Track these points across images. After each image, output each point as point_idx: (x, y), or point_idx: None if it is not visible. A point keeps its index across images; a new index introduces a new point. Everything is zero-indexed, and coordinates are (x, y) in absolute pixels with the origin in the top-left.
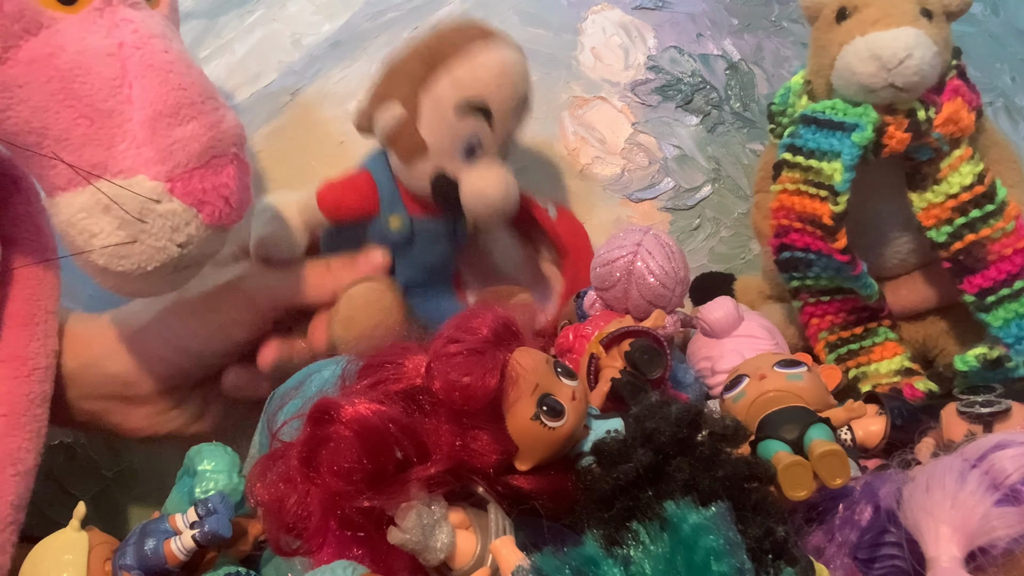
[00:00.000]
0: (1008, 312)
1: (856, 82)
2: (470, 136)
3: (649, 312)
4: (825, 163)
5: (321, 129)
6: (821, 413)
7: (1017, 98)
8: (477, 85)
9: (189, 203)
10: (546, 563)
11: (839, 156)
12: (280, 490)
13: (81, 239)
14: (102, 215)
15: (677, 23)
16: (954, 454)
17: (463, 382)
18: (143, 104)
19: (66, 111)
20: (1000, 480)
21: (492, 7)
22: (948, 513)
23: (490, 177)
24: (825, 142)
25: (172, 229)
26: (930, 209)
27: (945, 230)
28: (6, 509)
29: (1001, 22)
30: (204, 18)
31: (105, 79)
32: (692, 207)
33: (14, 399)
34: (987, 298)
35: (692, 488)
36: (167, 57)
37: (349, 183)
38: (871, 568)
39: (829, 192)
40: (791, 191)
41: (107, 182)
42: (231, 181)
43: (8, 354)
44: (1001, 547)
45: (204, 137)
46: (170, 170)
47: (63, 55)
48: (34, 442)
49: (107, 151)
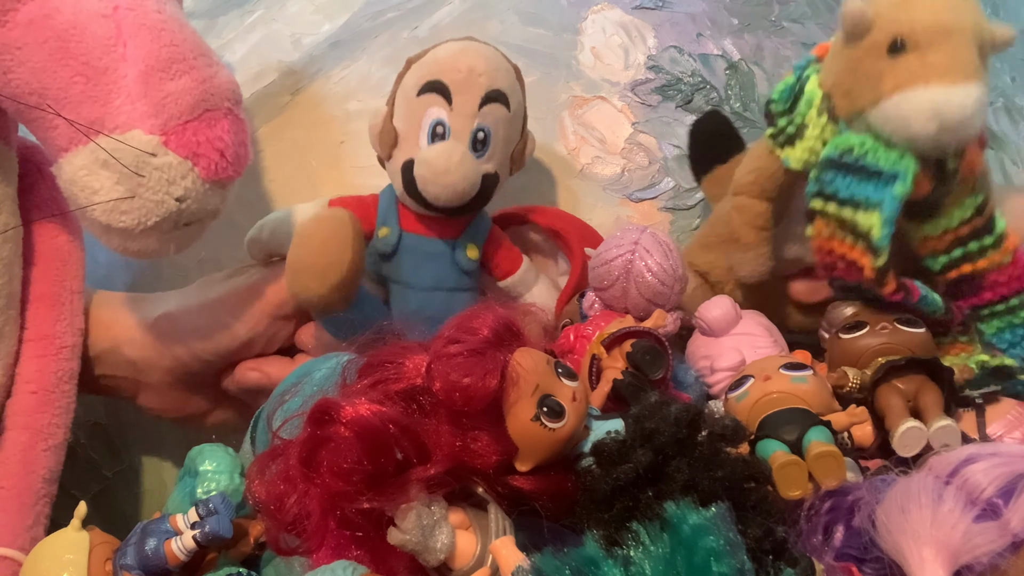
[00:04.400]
0: (1002, 323)
1: (908, 136)
2: (431, 117)
3: (648, 311)
4: (861, 214)
5: (321, 129)
6: (823, 416)
7: (1017, 98)
8: (434, 66)
9: (184, 155)
10: (546, 563)
11: (878, 207)
12: (279, 489)
13: (83, 196)
14: (101, 170)
15: (677, 23)
16: (924, 471)
17: (463, 383)
18: (136, 60)
19: (63, 70)
20: (976, 495)
21: (492, 7)
22: (929, 534)
23: (439, 148)
24: (860, 191)
25: (169, 182)
26: (927, 241)
27: (941, 260)
28: (38, 483)
29: (1001, 22)
30: (204, 18)
31: (100, 38)
32: (692, 207)
33: (44, 376)
34: (980, 311)
35: (692, 488)
36: (159, 16)
37: (356, 198)
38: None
39: (867, 245)
40: (826, 236)
41: (104, 137)
42: (225, 134)
43: (37, 333)
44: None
45: (196, 90)
46: (164, 123)
47: (59, 16)
48: (63, 418)
49: (103, 107)
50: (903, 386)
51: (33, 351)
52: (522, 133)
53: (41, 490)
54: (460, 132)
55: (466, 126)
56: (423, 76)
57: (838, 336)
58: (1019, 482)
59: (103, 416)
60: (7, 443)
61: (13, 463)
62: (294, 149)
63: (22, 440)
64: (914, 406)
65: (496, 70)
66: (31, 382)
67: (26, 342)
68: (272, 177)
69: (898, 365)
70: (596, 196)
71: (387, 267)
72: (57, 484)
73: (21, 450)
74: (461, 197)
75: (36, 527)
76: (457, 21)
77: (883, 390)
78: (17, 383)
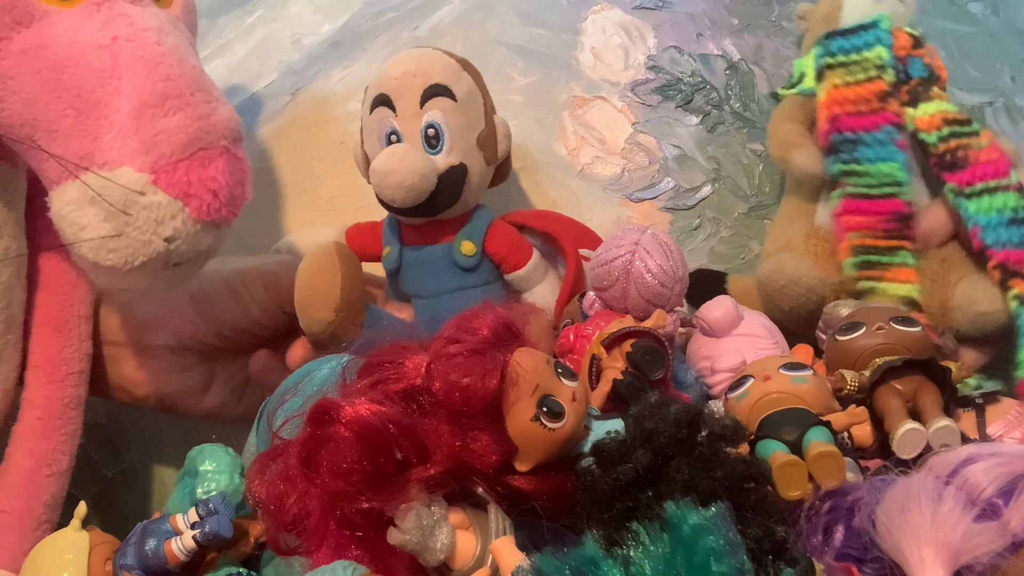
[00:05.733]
0: (982, 203)
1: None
2: (385, 128)
3: (648, 311)
4: (867, 51)
5: (321, 129)
6: (823, 416)
7: (1017, 98)
8: (377, 83)
9: (174, 195)
10: (546, 563)
11: (878, 42)
12: (279, 488)
13: (71, 232)
14: (89, 207)
15: (677, 23)
16: (924, 471)
17: (463, 383)
18: (130, 95)
19: (54, 102)
20: (976, 495)
21: (492, 7)
22: (929, 534)
23: (385, 153)
24: (859, 40)
25: (157, 222)
26: (924, 117)
27: (936, 134)
28: (40, 508)
29: (1001, 22)
30: (204, 18)
31: (94, 70)
32: (692, 207)
33: (49, 403)
34: (965, 188)
35: (692, 488)
36: (158, 49)
37: (368, 224)
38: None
39: (880, 71)
40: (840, 85)
41: (93, 174)
42: (219, 175)
43: (43, 359)
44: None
45: (190, 128)
46: (154, 161)
47: (53, 46)
48: (68, 444)
49: (93, 142)
50: (901, 387)
51: (40, 377)
52: (485, 120)
53: (43, 516)
54: (410, 133)
55: (414, 127)
56: (370, 95)
57: (835, 338)
58: (1019, 482)
59: (103, 416)
60: (11, 467)
61: (17, 488)
62: (294, 149)
63: (26, 465)
64: (913, 406)
65: (430, 66)
66: (37, 408)
67: (32, 368)
68: (272, 177)
69: (895, 366)
70: (596, 196)
71: (396, 283)
72: (59, 511)
73: (25, 475)
74: (417, 194)
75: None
76: (457, 21)
77: (881, 392)
78: (23, 408)
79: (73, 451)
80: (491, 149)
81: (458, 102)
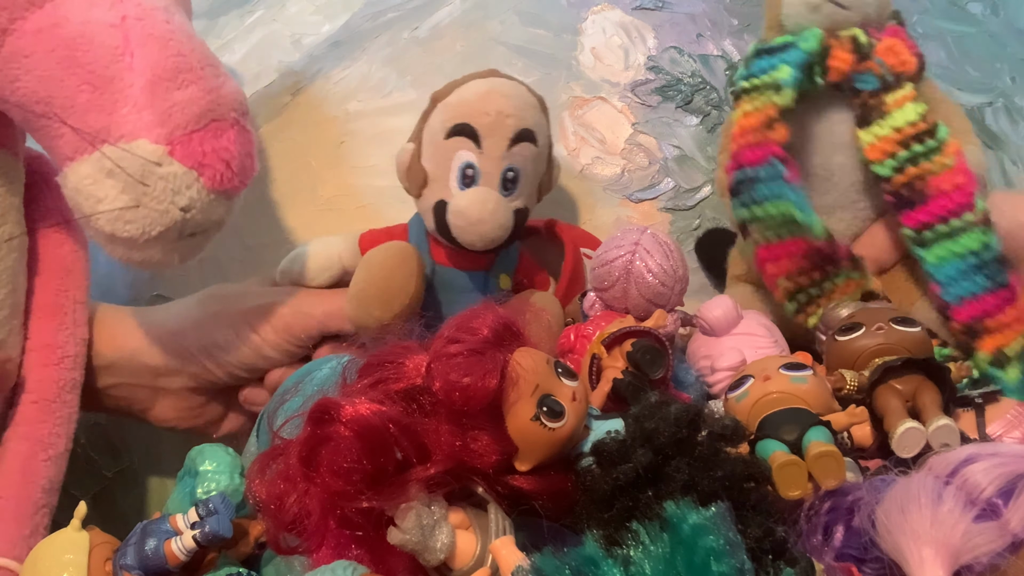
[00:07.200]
0: (943, 250)
1: (796, 23)
2: (461, 160)
3: (649, 311)
4: (774, 72)
5: (321, 129)
6: (823, 416)
7: (1017, 98)
8: (462, 107)
9: (190, 165)
10: (546, 563)
11: (787, 63)
12: (279, 488)
13: (88, 205)
14: (106, 179)
15: (677, 23)
16: (923, 471)
17: (463, 383)
18: (143, 70)
19: (70, 78)
20: (976, 495)
21: (492, 7)
22: (929, 534)
23: (472, 196)
24: (776, 60)
25: (174, 192)
26: (875, 143)
27: (889, 164)
28: (38, 493)
29: (1001, 22)
30: (204, 18)
31: (107, 48)
32: (692, 207)
33: (45, 386)
34: (924, 233)
35: (692, 488)
36: (168, 27)
37: (386, 230)
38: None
39: (775, 91)
40: (748, 113)
41: (110, 146)
42: (231, 145)
43: (38, 343)
44: (985, 563)
45: (203, 100)
46: (170, 132)
47: (67, 25)
48: (65, 427)
49: (109, 116)
50: (901, 387)
51: (35, 361)
52: (548, 162)
53: (40, 500)
54: (490, 175)
55: (496, 168)
56: (450, 119)
57: (834, 338)
58: (1019, 482)
59: (103, 416)
60: (7, 453)
61: (13, 473)
62: (294, 149)
63: (22, 450)
64: (913, 406)
65: (524, 109)
66: (32, 392)
67: (28, 351)
68: (272, 177)
69: (894, 366)
70: (596, 196)
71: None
72: (58, 495)
73: (21, 460)
74: (495, 242)
75: (35, 537)
76: (457, 21)
77: (881, 391)
78: (19, 392)
79: (70, 435)
80: (545, 189)
81: (538, 148)
